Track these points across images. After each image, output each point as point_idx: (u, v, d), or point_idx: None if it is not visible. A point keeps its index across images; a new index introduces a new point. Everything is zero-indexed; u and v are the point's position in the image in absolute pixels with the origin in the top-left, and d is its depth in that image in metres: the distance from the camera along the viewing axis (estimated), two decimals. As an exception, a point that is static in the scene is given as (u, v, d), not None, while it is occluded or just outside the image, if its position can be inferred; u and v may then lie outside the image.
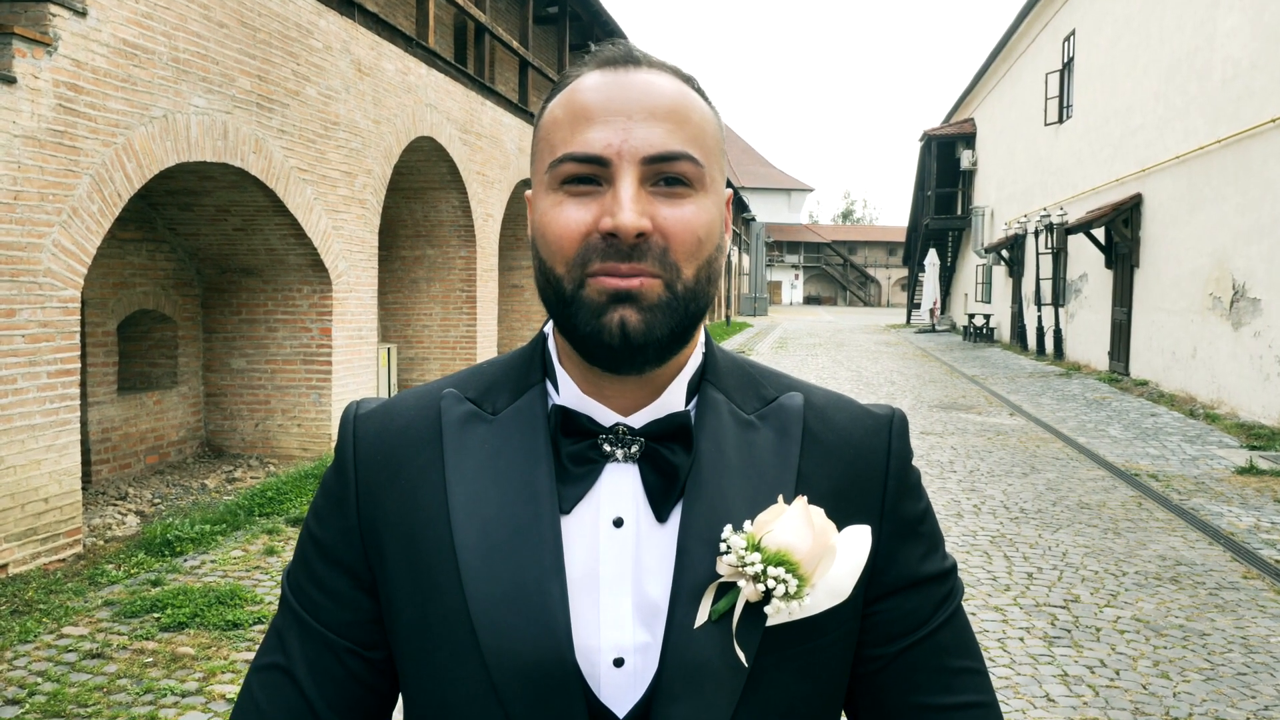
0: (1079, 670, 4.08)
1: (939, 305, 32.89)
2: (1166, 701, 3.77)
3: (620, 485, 0.80)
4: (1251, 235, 10.81)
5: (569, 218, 0.76)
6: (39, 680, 3.82)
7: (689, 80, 0.82)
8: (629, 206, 0.73)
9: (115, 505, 6.65)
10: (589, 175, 0.76)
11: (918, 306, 36.21)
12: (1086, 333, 17.44)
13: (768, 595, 0.75)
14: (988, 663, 4.14)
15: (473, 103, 11.34)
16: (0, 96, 4.83)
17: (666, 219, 0.75)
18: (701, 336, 0.87)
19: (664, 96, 0.77)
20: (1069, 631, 4.52)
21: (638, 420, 0.81)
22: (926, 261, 32.26)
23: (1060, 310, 18.95)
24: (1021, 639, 4.43)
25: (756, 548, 0.75)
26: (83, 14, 5.36)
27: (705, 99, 0.82)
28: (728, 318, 37.25)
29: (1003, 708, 3.68)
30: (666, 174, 0.76)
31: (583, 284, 0.75)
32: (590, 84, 0.78)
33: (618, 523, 0.79)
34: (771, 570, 0.74)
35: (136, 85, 5.80)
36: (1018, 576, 5.35)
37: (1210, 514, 6.67)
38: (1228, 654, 4.24)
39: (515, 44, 12.80)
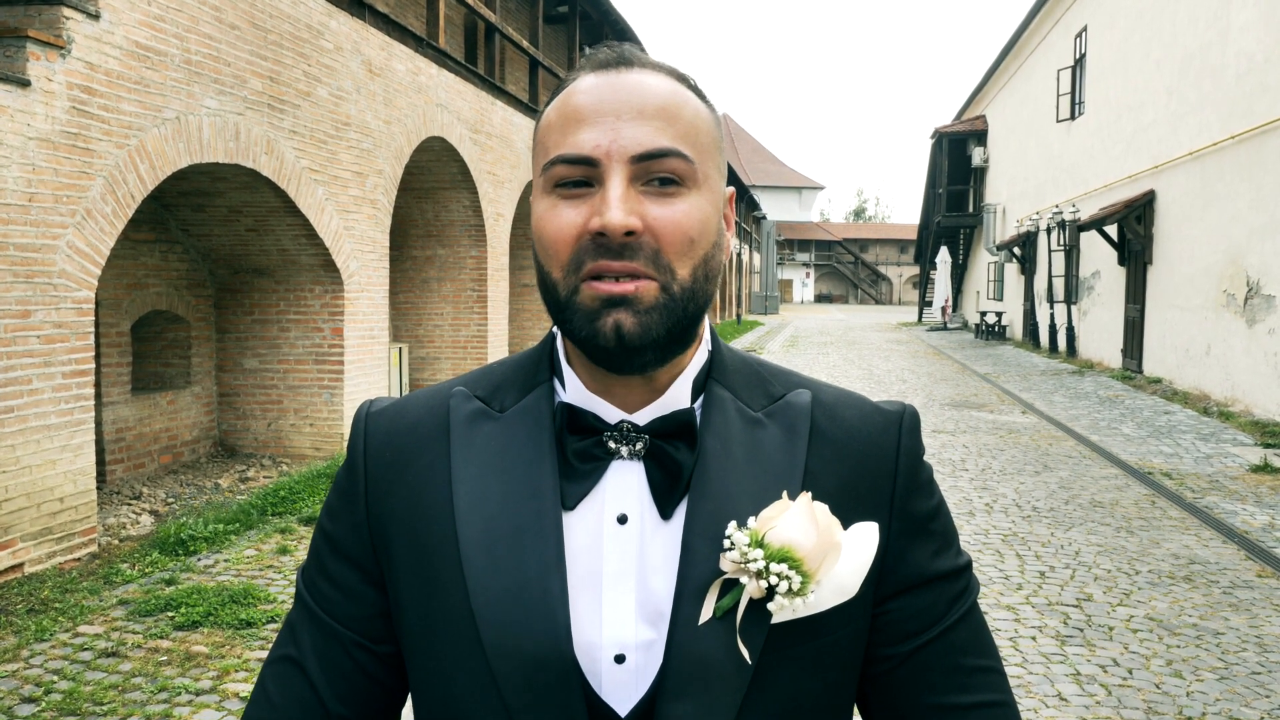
0: (1092, 669, 4.07)
1: (951, 303, 32.79)
2: (1180, 701, 3.75)
3: (625, 482, 0.81)
4: (1265, 232, 10.73)
5: (562, 220, 0.76)
6: (55, 679, 3.85)
7: (683, 79, 0.82)
8: (616, 205, 0.74)
9: (129, 505, 6.69)
10: (580, 177, 0.76)
11: (929, 304, 36.09)
12: (1099, 330, 17.35)
13: (771, 592, 0.75)
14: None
15: (483, 102, 11.37)
16: (15, 99, 4.88)
17: (657, 218, 0.75)
18: (707, 334, 0.87)
19: (654, 95, 0.78)
20: (1081, 630, 4.51)
21: (642, 417, 0.82)
22: (938, 259, 32.16)
23: (1073, 308, 18.86)
24: (1034, 638, 4.42)
25: (760, 544, 0.75)
26: (96, 16, 5.39)
27: (701, 98, 0.82)
28: (739, 316, 37.20)
29: (1015, 707, 3.69)
30: (656, 172, 0.76)
31: (577, 290, 0.76)
32: (583, 87, 0.79)
33: (622, 519, 0.80)
34: (774, 567, 0.74)
35: (149, 87, 5.83)
36: (1030, 575, 5.33)
37: (1224, 512, 6.63)
38: (1242, 653, 4.22)
39: (525, 43, 12.81)
